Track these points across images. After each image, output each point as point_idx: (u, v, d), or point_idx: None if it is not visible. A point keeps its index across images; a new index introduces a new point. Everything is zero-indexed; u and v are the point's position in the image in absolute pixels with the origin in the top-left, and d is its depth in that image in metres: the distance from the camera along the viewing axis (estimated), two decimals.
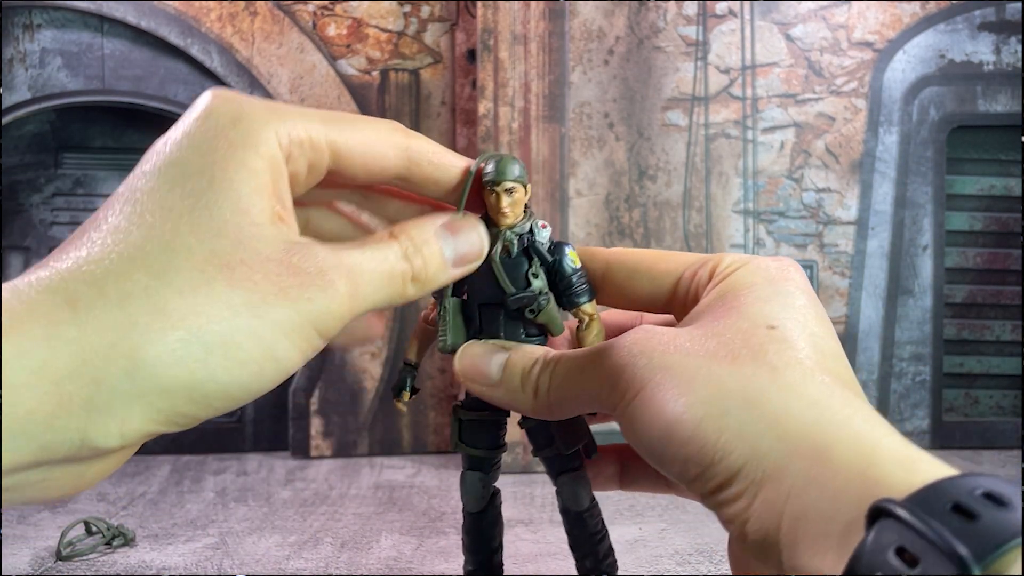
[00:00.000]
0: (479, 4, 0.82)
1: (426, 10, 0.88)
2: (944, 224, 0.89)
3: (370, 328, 0.35)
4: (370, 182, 0.33)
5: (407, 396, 0.37)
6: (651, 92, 0.85)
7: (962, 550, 0.19)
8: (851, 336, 0.87)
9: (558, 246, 0.35)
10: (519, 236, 0.34)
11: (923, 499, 0.21)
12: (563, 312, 0.35)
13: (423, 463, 0.83)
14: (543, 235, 0.35)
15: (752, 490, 0.25)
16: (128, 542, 0.58)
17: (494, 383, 0.33)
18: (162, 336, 0.24)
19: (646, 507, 0.67)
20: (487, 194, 0.34)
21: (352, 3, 0.87)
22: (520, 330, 0.35)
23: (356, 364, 0.87)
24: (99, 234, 0.25)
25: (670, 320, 0.35)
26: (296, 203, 0.30)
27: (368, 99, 0.87)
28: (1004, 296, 0.90)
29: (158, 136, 0.29)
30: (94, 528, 0.58)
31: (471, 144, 0.87)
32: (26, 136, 0.87)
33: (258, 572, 0.53)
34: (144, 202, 0.26)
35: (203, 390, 0.25)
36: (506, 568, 0.41)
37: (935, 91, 0.88)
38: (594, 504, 0.37)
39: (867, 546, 0.20)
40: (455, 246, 0.33)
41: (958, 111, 0.88)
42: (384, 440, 0.86)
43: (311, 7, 0.86)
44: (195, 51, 0.85)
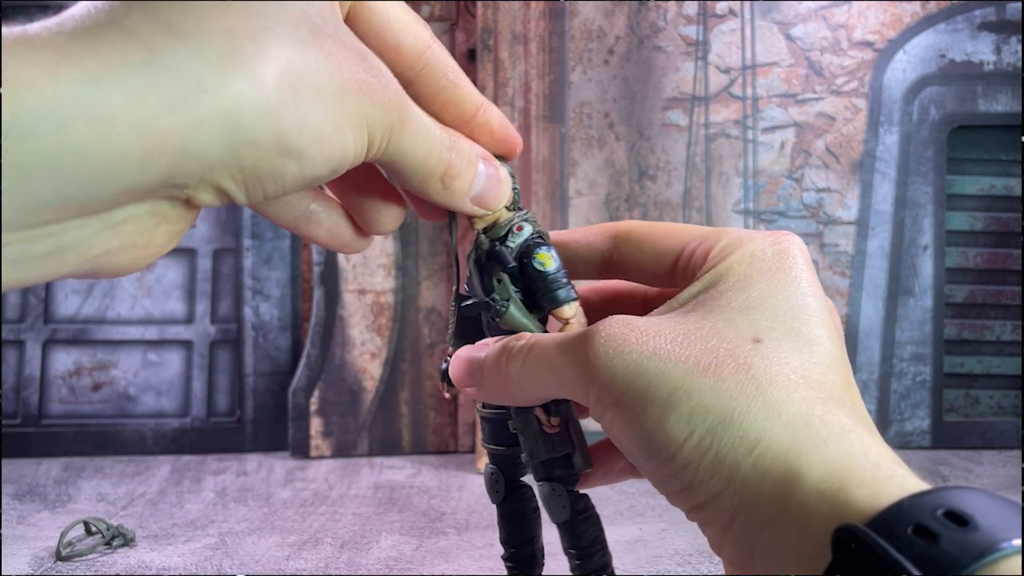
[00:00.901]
0: (479, 4, 0.82)
1: (426, 10, 0.88)
2: (944, 224, 0.89)
3: (388, 215, 0.34)
4: (396, 48, 0.30)
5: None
6: (651, 92, 0.85)
7: None
8: (851, 336, 0.87)
9: (527, 248, 0.34)
10: (493, 241, 0.34)
11: (885, 522, 0.20)
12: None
13: (423, 463, 0.83)
14: (516, 239, 0.34)
15: (727, 517, 0.24)
16: (128, 542, 0.58)
17: (476, 383, 0.33)
18: (260, 75, 0.23)
19: (646, 507, 0.67)
20: None
21: None
22: (501, 335, 0.34)
23: (356, 364, 0.87)
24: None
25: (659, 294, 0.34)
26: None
27: None
28: (1004, 296, 0.90)
29: None
30: (94, 528, 0.58)
31: None
32: None
33: (258, 572, 0.53)
34: None
35: (288, 153, 0.24)
36: (505, 568, 0.41)
37: (935, 91, 0.88)
38: (582, 515, 0.36)
39: (833, 573, 0.20)
40: (484, 183, 0.33)
41: (958, 111, 0.88)
42: (384, 440, 0.86)
43: None
44: None
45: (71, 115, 0.21)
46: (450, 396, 0.36)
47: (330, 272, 0.87)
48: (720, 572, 0.53)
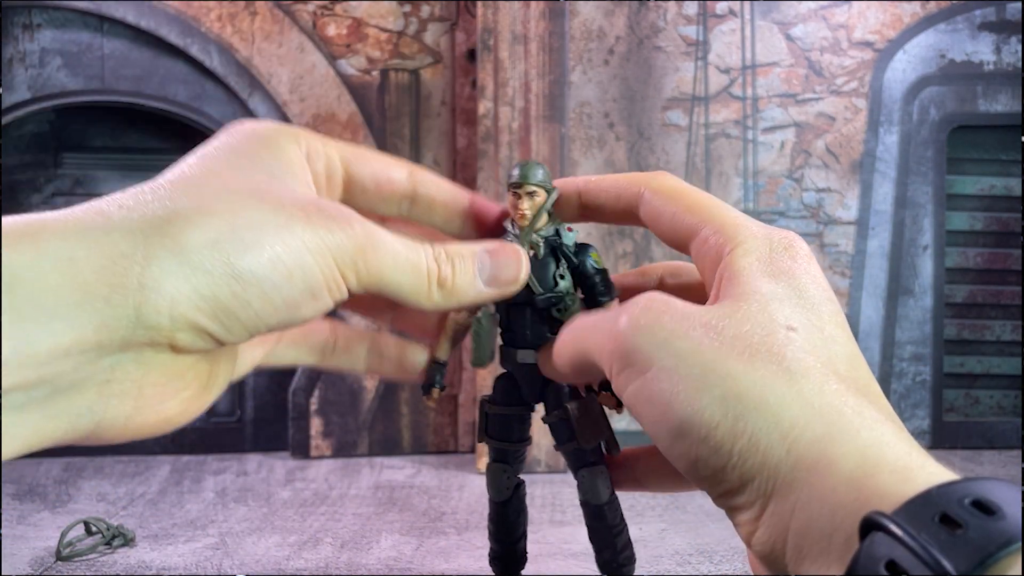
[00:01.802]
0: (479, 4, 0.82)
1: (426, 10, 0.88)
2: (944, 224, 0.89)
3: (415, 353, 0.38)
4: (381, 201, 0.35)
5: (436, 393, 0.38)
6: (651, 92, 0.85)
7: (947, 564, 0.19)
8: None
9: (582, 248, 0.37)
10: (545, 239, 0.36)
11: (912, 510, 0.20)
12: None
13: (423, 463, 0.83)
14: (569, 238, 0.37)
15: (762, 502, 0.24)
16: (128, 542, 0.58)
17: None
18: (204, 224, 0.27)
19: (646, 507, 0.67)
20: (510, 196, 0.36)
21: (352, 3, 0.87)
22: (545, 329, 0.36)
23: None
24: (136, 190, 0.28)
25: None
26: None
27: (368, 99, 0.87)
28: (1004, 296, 0.90)
29: (158, 136, 0.31)
30: (94, 528, 0.58)
31: (471, 144, 0.87)
32: (26, 136, 0.87)
33: (258, 572, 0.53)
34: (187, 169, 0.30)
35: (242, 278, 0.27)
36: (491, 567, 0.41)
37: (935, 91, 0.88)
38: (614, 498, 0.39)
39: (860, 560, 0.20)
40: (491, 265, 0.34)
41: (958, 111, 0.88)
42: (384, 440, 0.86)
43: (311, 7, 0.86)
44: (195, 51, 0.85)
45: (44, 267, 0.24)
46: (434, 403, 0.39)
47: None
48: (720, 572, 0.53)
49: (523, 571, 0.42)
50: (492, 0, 0.81)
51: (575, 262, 0.36)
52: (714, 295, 0.30)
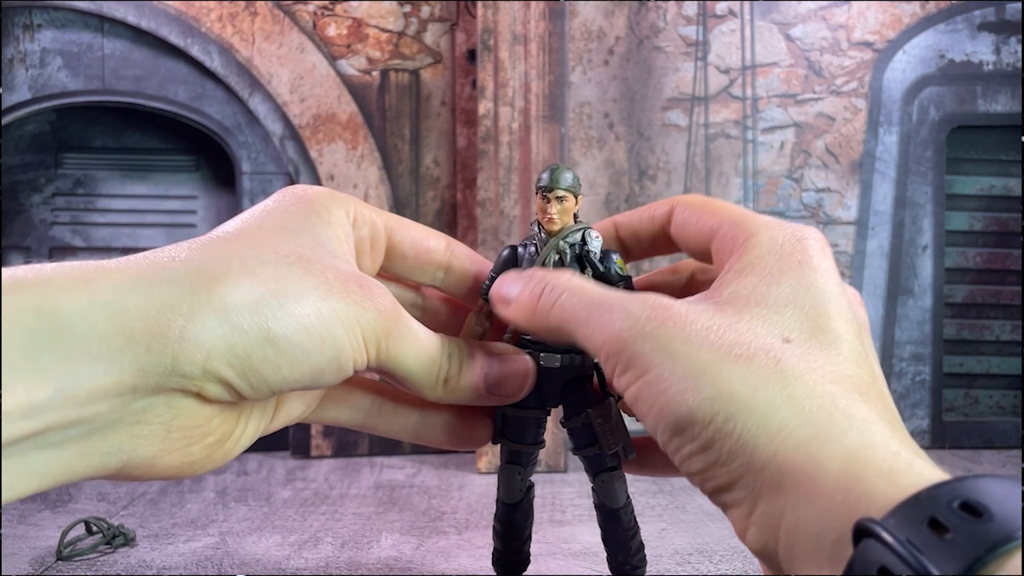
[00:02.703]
0: (479, 4, 0.82)
1: (426, 10, 0.88)
2: (944, 224, 0.89)
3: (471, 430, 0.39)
4: (419, 269, 0.37)
5: None
6: (651, 92, 0.85)
7: (934, 571, 0.19)
8: None
9: (607, 254, 0.37)
10: (571, 245, 0.36)
11: (901, 514, 0.21)
12: None
13: (423, 463, 0.83)
14: (595, 245, 0.37)
15: (751, 501, 0.25)
16: (128, 542, 0.58)
17: (510, 303, 0.35)
18: (248, 287, 0.28)
19: (646, 507, 0.67)
20: (539, 199, 0.36)
21: (352, 3, 0.87)
22: None
23: None
24: (189, 243, 0.30)
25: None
26: None
27: (368, 99, 0.87)
28: (1004, 296, 0.90)
29: (159, 136, 0.32)
30: (94, 528, 0.58)
31: (471, 144, 0.87)
32: (26, 136, 0.87)
33: (258, 572, 0.53)
34: (239, 226, 0.32)
35: (276, 343, 0.28)
36: (494, 569, 0.41)
37: (935, 91, 0.88)
38: (629, 501, 0.39)
39: (854, 567, 0.20)
40: (498, 375, 0.35)
41: (958, 111, 0.88)
42: (384, 440, 0.87)
43: (311, 7, 0.86)
44: (195, 51, 0.85)
45: (96, 313, 0.26)
46: None
47: None
48: (720, 572, 0.53)
49: (523, 571, 0.42)
50: (492, 0, 0.81)
51: (600, 269, 0.36)
52: (718, 282, 0.30)
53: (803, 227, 0.32)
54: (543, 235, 0.36)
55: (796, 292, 0.29)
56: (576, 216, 0.37)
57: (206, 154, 0.90)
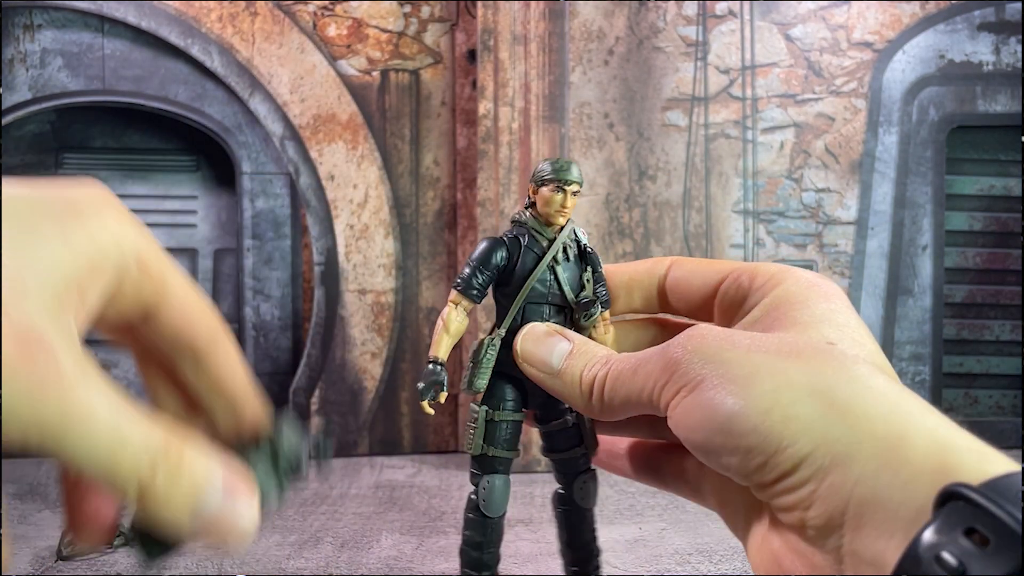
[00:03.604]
0: (479, 4, 0.82)
1: (426, 10, 0.88)
2: (944, 224, 0.89)
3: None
4: (175, 341, 0.27)
5: (443, 398, 0.35)
6: (651, 92, 0.85)
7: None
8: None
9: (593, 252, 0.36)
10: (573, 241, 0.35)
11: (997, 487, 0.21)
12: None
13: (423, 463, 0.83)
14: (586, 240, 0.36)
15: (819, 476, 0.25)
16: (128, 542, 0.58)
17: (553, 372, 0.33)
18: None
19: (646, 507, 0.67)
20: (550, 191, 0.34)
21: (352, 3, 0.87)
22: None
23: (356, 364, 0.87)
24: None
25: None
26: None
27: (368, 99, 0.87)
28: (1004, 296, 0.90)
29: (159, 136, 0.29)
30: None
31: (471, 144, 0.87)
32: (27, 136, 0.87)
33: (258, 572, 0.53)
34: None
35: None
36: (506, 568, 0.41)
37: (935, 91, 0.88)
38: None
39: (935, 526, 0.21)
40: (223, 501, 0.24)
41: (958, 111, 0.88)
42: (384, 440, 0.87)
43: (311, 7, 0.86)
44: (195, 51, 0.85)
45: None
46: (433, 408, 0.36)
47: (331, 272, 0.87)
48: (720, 572, 0.53)
49: (523, 571, 0.41)
50: (492, 1, 0.81)
51: (599, 270, 0.36)
52: (751, 316, 0.32)
53: (819, 275, 0.33)
54: (537, 227, 0.35)
55: (831, 313, 0.30)
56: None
57: (206, 154, 0.90)
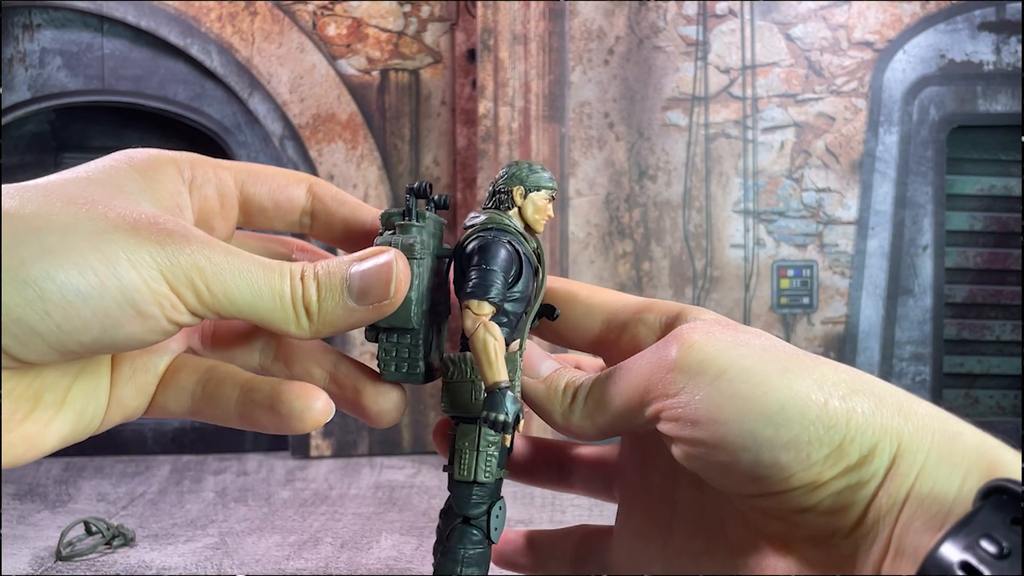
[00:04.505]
0: (479, 4, 0.82)
1: (426, 10, 0.88)
2: (944, 224, 0.89)
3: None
4: (280, 220, 0.34)
5: (521, 426, 0.32)
6: (651, 92, 0.85)
7: None
8: (851, 336, 0.87)
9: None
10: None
11: None
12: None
13: (423, 463, 0.83)
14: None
15: (887, 467, 0.25)
16: (128, 542, 0.58)
17: (538, 377, 0.33)
18: (11, 226, 0.24)
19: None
20: (545, 199, 0.33)
21: (352, 3, 0.87)
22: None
23: None
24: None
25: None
26: None
27: (368, 99, 0.87)
28: (1004, 296, 0.90)
29: (158, 136, 0.31)
30: (94, 528, 0.58)
31: (471, 144, 0.87)
32: (26, 136, 0.87)
33: (258, 572, 0.53)
34: (45, 181, 0.27)
35: (37, 284, 0.23)
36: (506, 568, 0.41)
37: (935, 91, 0.88)
38: None
39: (979, 514, 0.21)
40: (360, 279, 0.29)
41: (958, 111, 0.88)
42: (384, 440, 0.87)
43: (311, 7, 0.86)
44: (195, 51, 0.85)
45: None
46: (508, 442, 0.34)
47: None
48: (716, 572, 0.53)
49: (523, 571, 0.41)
50: (492, 0, 0.81)
51: (544, 272, 0.34)
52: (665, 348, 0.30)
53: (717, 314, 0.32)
54: (524, 233, 0.34)
55: (755, 334, 0.29)
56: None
57: (206, 154, 0.90)
